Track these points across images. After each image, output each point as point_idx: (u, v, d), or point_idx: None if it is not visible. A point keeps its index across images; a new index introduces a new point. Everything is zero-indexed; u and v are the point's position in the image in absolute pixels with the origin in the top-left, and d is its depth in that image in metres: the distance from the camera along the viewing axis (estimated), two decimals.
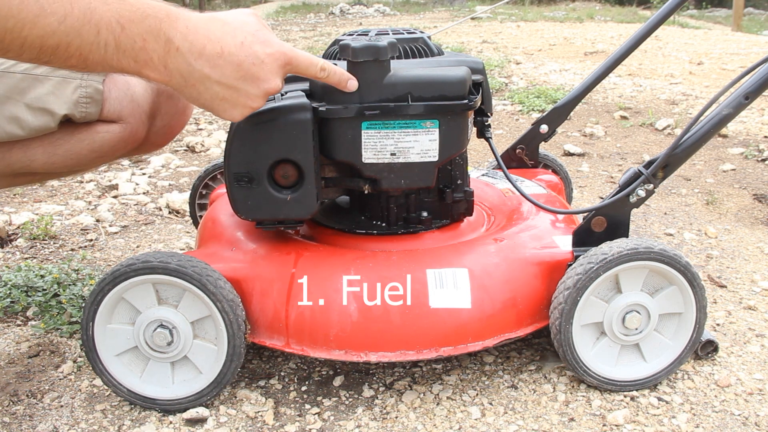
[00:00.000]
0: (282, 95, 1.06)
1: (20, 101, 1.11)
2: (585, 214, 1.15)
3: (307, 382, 1.19)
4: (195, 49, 0.81)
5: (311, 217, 1.21)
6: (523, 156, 1.62)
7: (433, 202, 1.24)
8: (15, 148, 1.15)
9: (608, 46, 5.34)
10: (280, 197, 1.07)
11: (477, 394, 1.14)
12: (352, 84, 1.00)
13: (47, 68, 1.12)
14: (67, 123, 1.17)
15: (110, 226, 1.95)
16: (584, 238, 1.14)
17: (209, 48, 0.81)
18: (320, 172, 1.12)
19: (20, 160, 1.16)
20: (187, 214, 2.03)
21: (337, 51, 1.19)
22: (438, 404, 1.12)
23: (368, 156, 1.09)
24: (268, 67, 0.86)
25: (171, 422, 1.09)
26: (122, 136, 1.20)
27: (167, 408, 1.10)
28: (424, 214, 1.22)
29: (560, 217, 1.29)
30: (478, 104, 1.14)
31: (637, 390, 1.14)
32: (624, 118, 3.16)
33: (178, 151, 2.77)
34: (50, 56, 0.75)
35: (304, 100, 1.05)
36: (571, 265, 1.11)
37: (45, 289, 1.48)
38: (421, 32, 1.22)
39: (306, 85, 1.10)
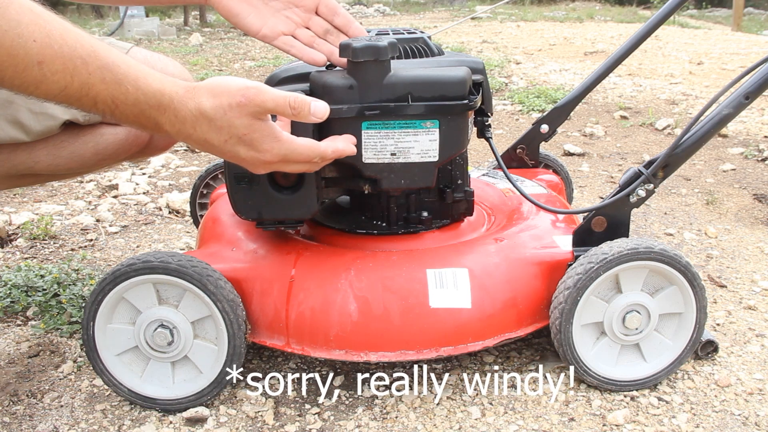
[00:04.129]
0: None
1: (23, 105, 1.10)
2: (585, 214, 1.15)
3: (307, 382, 1.19)
4: (181, 135, 0.86)
5: (311, 217, 1.21)
6: (523, 156, 1.62)
7: (434, 202, 1.24)
8: (19, 149, 1.15)
9: (608, 46, 5.34)
10: (281, 197, 1.07)
11: (477, 394, 1.14)
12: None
13: None
14: (72, 125, 1.17)
15: (110, 226, 1.95)
16: (584, 237, 1.14)
17: (194, 137, 0.86)
18: (320, 172, 1.12)
19: (24, 162, 1.16)
20: (187, 213, 2.03)
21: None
22: (438, 404, 1.12)
23: (368, 156, 1.09)
24: (251, 164, 0.89)
25: (171, 422, 1.09)
26: (127, 138, 1.20)
27: (167, 408, 1.10)
28: (425, 214, 1.22)
29: (560, 217, 1.29)
30: (479, 104, 1.14)
31: (637, 390, 1.14)
32: (624, 118, 3.16)
33: (178, 150, 2.77)
34: (57, 104, 0.80)
35: None
36: (571, 264, 1.11)
37: (45, 289, 1.48)
38: (421, 32, 1.22)
39: (306, 86, 1.10)
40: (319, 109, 0.89)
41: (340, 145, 0.97)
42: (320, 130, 1.08)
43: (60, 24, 0.76)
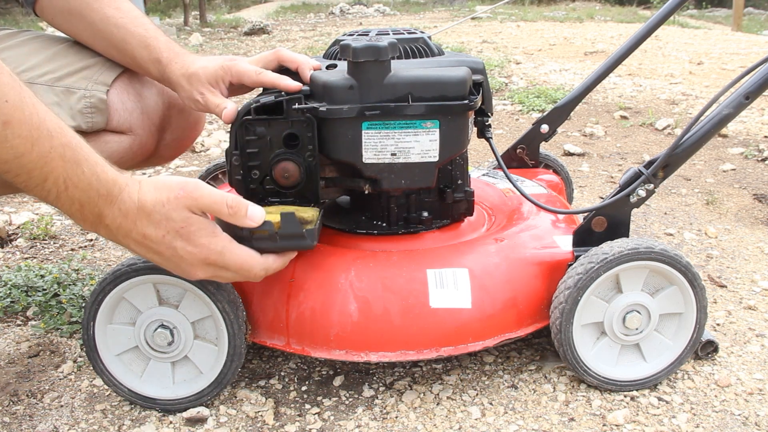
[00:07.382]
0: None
1: None
2: (585, 214, 1.15)
3: (307, 382, 1.19)
4: (121, 232, 0.87)
5: None
6: (523, 156, 1.62)
7: (434, 202, 1.24)
8: None
9: (608, 46, 5.35)
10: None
11: (477, 394, 1.14)
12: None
13: (51, 77, 1.12)
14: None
15: None
16: (585, 237, 1.14)
17: (133, 233, 0.88)
18: (320, 172, 1.12)
19: None
20: None
21: (337, 51, 1.19)
22: (438, 404, 1.12)
23: (369, 156, 1.09)
24: (188, 262, 0.91)
25: (171, 422, 1.09)
26: (131, 147, 1.19)
27: (167, 408, 1.10)
28: (425, 214, 1.22)
29: (561, 217, 1.29)
30: (479, 104, 1.14)
31: (637, 390, 1.14)
32: (624, 118, 3.16)
33: None
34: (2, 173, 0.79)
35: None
36: (571, 264, 1.11)
37: (45, 289, 1.49)
38: (422, 32, 1.22)
39: (306, 86, 1.10)
40: (256, 214, 0.92)
41: (273, 264, 0.98)
42: (321, 131, 1.08)
43: (33, 97, 0.77)
